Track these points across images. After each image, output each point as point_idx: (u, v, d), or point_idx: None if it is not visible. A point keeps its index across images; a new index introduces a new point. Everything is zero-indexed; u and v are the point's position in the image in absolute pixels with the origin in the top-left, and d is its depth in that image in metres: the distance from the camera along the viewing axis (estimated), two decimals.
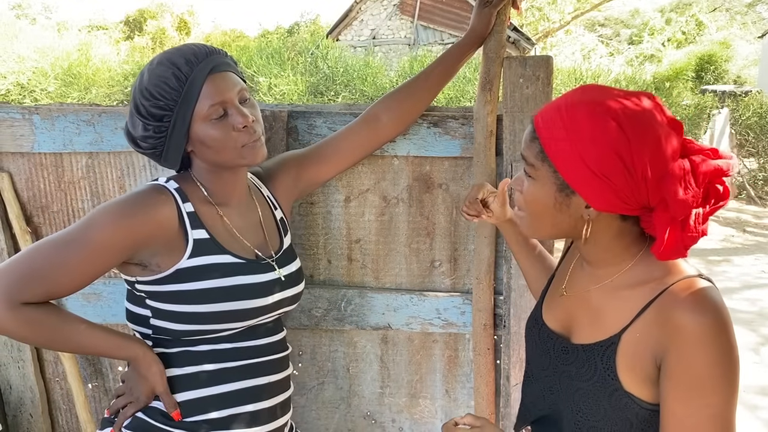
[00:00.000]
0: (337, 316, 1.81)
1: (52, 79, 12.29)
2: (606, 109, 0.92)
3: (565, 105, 0.95)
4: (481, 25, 1.57)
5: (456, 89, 10.29)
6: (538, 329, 1.15)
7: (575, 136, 0.92)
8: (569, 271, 1.15)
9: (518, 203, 1.06)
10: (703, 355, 0.88)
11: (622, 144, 0.90)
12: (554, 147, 0.95)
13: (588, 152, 0.91)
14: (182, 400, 1.26)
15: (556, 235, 1.05)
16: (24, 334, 1.16)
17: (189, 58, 1.19)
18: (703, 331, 0.88)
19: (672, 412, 0.91)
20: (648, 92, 0.97)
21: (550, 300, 1.17)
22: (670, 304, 0.92)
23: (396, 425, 1.92)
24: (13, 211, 1.80)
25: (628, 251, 1.01)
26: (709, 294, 0.91)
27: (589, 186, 0.93)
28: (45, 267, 1.13)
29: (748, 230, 8.23)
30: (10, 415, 1.94)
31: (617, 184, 0.91)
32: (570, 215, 0.99)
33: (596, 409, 0.99)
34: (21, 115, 1.74)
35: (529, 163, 1.00)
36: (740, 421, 3.30)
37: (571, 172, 0.93)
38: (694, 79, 16.10)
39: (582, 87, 0.99)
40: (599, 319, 1.03)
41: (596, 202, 0.94)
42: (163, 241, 1.21)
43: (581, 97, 0.95)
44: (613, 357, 0.97)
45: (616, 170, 0.90)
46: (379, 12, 17.18)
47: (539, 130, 0.97)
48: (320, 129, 1.72)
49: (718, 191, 0.93)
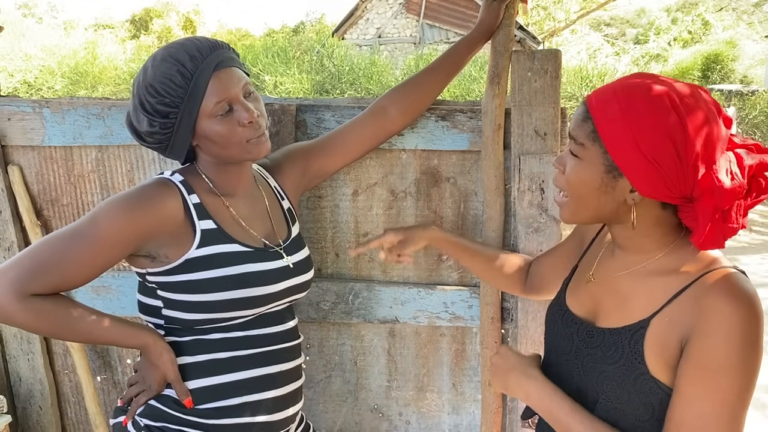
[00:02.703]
0: (345, 309, 1.82)
1: (59, 78, 12.34)
2: (665, 97, 0.93)
3: (622, 87, 0.96)
4: (490, 19, 1.57)
5: (462, 87, 10.29)
6: (562, 314, 1.16)
7: (631, 118, 0.93)
8: (597, 259, 1.16)
9: (560, 184, 1.06)
10: (727, 341, 0.88)
11: (678, 132, 0.91)
12: (608, 127, 0.95)
13: (642, 136, 0.92)
14: (194, 387, 1.27)
15: (596, 219, 1.05)
16: (34, 324, 1.17)
17: (193, 54, 1.19)
18: (732, 318, 0.89)
19: (682, 392, 0.92)
20: (700, 85, 0.98)
21: (575, 287, 1.18)
22: (704, 290, 0.93)
23: (403, 418, 1.92)
24: (23, 204, 1.81)
25: (663, 240, 1.02)
26: (744, 284, 0.92)
27: (639, 169, 0.93)
28: (54, 260, 1.15)
29: (755, 229, 8.20)
30: (19, 407, 1.96)
31: (666, 171, 0.92)
32: (614, 198, 0.99)
33: (620, 392, 1.00)
34: (31, 108, 1.76)
35: (579, 143, 1.00)
36: (749, 421, 3.29)
37: (623, 154, 0.94)
38: (700, 79, 16.06)
39: (638, 73, 1.00)
40: (628, 304, 1.03)
41: (642, 187, 0.95)
42: (169, 233, 1.22)
43: (639, 82, 0.96)
44: (641, 341, 0.98)
45: (668, 156, 0.91)
46: (385, 11, 17.19)
47: (593, 110, 0.98)
48: (328, 123, 1.73)
49: (760, 184, 0.95)
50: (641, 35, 28.36)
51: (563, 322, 1.15)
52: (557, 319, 1.17)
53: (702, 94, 0.95)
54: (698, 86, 0.97)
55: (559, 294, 1.21)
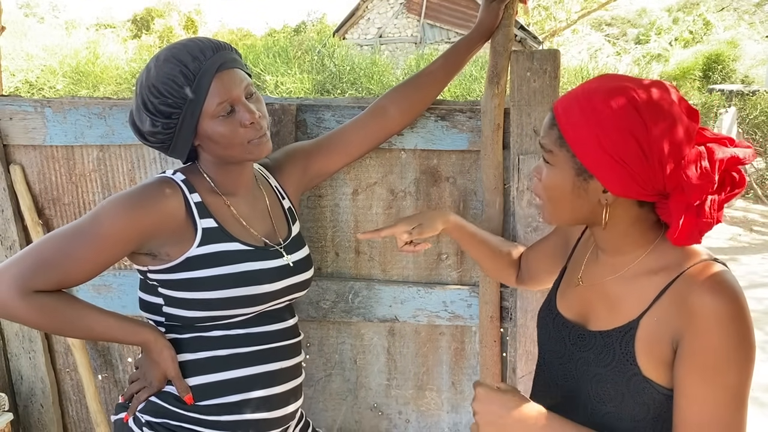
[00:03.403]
0: (345, 308, 1.82)
1: (61, 77, 12.36)
2: (623, 95, 0.94)
3: (583, 91, 0.98)
4: (489, 19, 1.58)
5: (462, 87, 10.29)
6: (552, 318, 1.17)
7: (592, 121, 0.94)
8: (584, 262, 1.16)
9: (537, 191, 1.08)
10: (719, 337, 0.89)
11: (638, 128, 0.92)
12: (572, 132, 0.97)
13: (605, 136, 0.93)
14: (195, 384, 1.28)
15: (574, 221, 1.07)
16: (36, 320, 1.18)
17: (196, 56, 1.20)
18: (719, 313, 0.89)
19: (688, 394, 0.92)
20: (665, 81, 0.99)
21: (564, 290, 1.19)
22: (687, 287, 0.94)
23: (403, 417, 1.93)
24: (25, 203, 1.82)
25: (645, 238, 1.03)
26: (725, 277, 0.93)
27: (607, 170, 0.95)
28: (56, 257, 1.16)
29: (755, 229, 8.20)
30: (21, 406, 1.97)
31: (634, 168, 0.93)
32: (588, 200, 1.00)
33: (614, 394, 1.00)
34: (33, 108, 1.77)
35: (547, 150, 1.02)
36: (750, 419, 3.29)
37: (589, 156, 0.95)
38: (701, 79, 16.06)
39: (600, 75, 1.01)
40: (617, 307, 1.04)
41: (613, 187, 0.96)
42: (170, 232, 1.23)
43: (599, 84, 0.97)
44: (632, 342, 0.98)
45: (633, 154, 0.92)
46: (386, 10, 17.19)
47: (558, 117, 0.99)
48: (329, 122, 1.74)
49: (734, 179, 0.95)
50: (642, 35, 28.33)
51: (554, 325, 1.15)
52: (548, 322, 1.18)
53: (666, 90, 0.96)
54: (663, 82, 0.97)
55: (550, 297, 1.22)
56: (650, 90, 0.94)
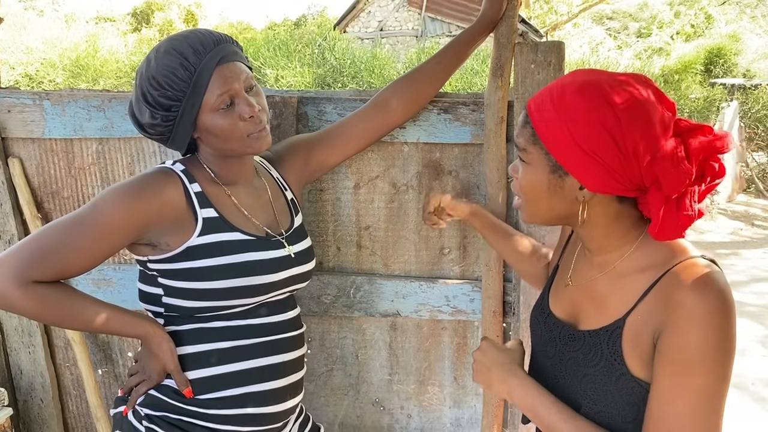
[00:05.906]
0: (346, 302, 1.81)
1: (60, 71, 12.32)
2: (595, 89, 0.92)
3: (555, 87, 0.96)
4: (493, 10, 1.56)
5: (464, 81, 10.26)
6: (545, 318, 1.15)
7: (565, 116, 0.92)
8: (573, 261, 1.15)
9: (515, 190, 1.06)
10: (698, 334, 0.86)
11: (611, 122, 0.90)
12: (545, 128, 0.95)
13: (578, 131, 0.91)
14: (194, 378, 1.27)
15: (553, 220, 1.05)
16: (35, 311, 1.17)
17: (197, 48, 1.19)
18: (702, 311, 0.87)
19: (659, 387, 0.90)
20: (639, 74, 0.97)
21: (556, 290, 1.17)
22: (672, 283, 0.91)
23: (404, 412, 1.92)
24: (23, 196, 1.80)
25: (628, 235, 1.01)
26: (712, 274, 0.90)
27: (581, 166, 0.93)
28: (55, 247, 1.15)
29: (757, 224, 8.19)
30: (20, 400, 1.96)
31: (609, 163, 0.91)
32: (565, 198, 0.99)
33: (603, 394, 0.99)
34: (32, 100, 1.75)
35: (521, 148, 1.01)
36: (749, 414, 3.29)
37: (563, 152, 0.94)
38: (703, 72, 15.99)
39: (573, 71, 0.99)
40: (605, 306, 1.02)
41: (589, 183, 0.94)
42: (170, 221, 1.22)
43: (571, 79, 0.95)
44: (619, 341, 0.97)
45: (607, 148, 0.90)
46: (387, 4, 17.14)
47: (531, 114, 0.98)
48: (330, 115, 1.72)
49: (713, 168, 0.93)
50: (644, 29, 28.24)
51: (546, 325, 1.14)
52: (540, 322, 1.16)
53: (641, 81, 0.93)
54: (637, 74, 0.95)
55: (542, 296, 1.20)
56: (623, 83, 0.92)
